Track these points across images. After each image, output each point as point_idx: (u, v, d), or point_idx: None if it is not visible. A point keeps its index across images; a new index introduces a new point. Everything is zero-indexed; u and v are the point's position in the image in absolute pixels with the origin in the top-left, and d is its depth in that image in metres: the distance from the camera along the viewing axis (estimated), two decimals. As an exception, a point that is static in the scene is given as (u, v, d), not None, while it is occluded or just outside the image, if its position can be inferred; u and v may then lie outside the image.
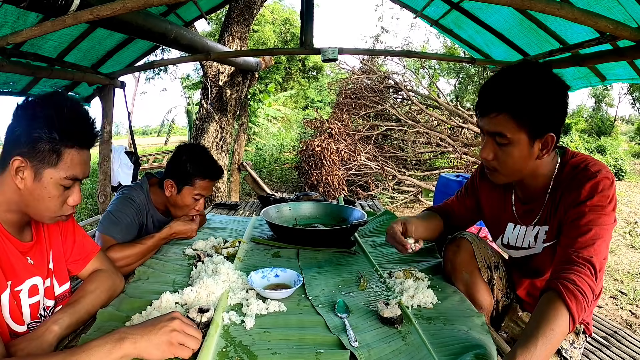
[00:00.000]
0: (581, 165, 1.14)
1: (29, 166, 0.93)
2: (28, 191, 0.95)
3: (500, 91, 1.10)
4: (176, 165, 1.68)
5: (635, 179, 9.31)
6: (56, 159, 0.94)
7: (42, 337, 0.96)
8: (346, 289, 1.37)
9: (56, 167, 0.94)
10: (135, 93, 18.77)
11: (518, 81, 1.09)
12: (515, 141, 1.11)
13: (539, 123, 1.08)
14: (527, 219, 1.29)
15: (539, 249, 1.26)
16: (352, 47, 3.31)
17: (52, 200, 0.97)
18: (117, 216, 1.61)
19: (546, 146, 1.12)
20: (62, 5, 1.55)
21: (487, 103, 1.13)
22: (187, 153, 1.69)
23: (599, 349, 1.50)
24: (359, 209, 2.10)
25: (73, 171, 0.96)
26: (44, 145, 0.92)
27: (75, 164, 0.97)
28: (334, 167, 6.86)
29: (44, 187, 0.95)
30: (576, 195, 1.10)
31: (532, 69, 1.12)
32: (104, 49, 2.72)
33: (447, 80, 15.70)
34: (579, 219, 1.07)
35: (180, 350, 0.88)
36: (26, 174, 0.93)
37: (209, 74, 5.50)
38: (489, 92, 1.13)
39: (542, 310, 0.94)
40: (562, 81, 1.11)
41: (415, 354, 0.99)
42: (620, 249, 4.62)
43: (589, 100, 16.70)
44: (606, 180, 1.09)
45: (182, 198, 1.69)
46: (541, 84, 1.08)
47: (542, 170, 1.20)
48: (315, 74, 17.64)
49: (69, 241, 1.19)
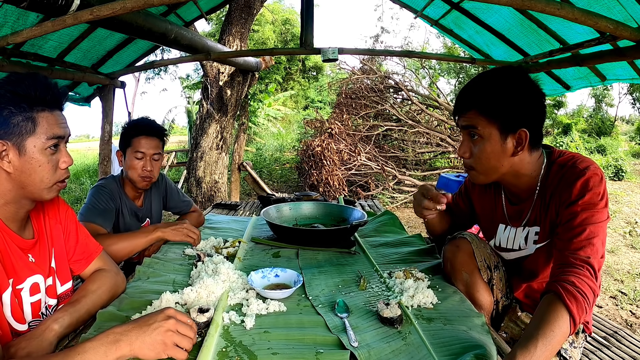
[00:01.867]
0: (569, 163, 1.15)
1: (10, 145, 0.93)
2: (18, 171, 0.95)
3: (470, 91, 1.19)
4: (121, 136, 1.81)
5: (635, 179, 9.31)
6: (32, 125, 0.94)
7: (42, 336, 0.96)
8: (346, 289, 1.37)
9: (35, 133, 0.94)
10: (136, 93, 18.78)
11: (486, 81, 1.17)
12: (486, 135, 1.15)
13: (508, 118, 1.12)
14: (517, 220, 1.29)
15: (530, 251, 1.27)
16: (352, 47, 3.31)
17: (43, 168, 0.97)
18: (93, 204, 1.70)
19: (520, 142, 1.14)
20: (62, 5, 1.55)
21: (459, 102, 1.21)
22: (128, 123, 1.83)
23: (599, 349, 1.50)
24: (359, 209, 2.10)
25: (52, 131, 0.97)
26: (17, 118, 0.93)
27: (52, 124, 0.97)
28: (334, 167, 6.86)
29: (32, 158, 0.95)
30: (567, 194, 1.10)
31: (502, 71, 1.19)
32: (104, 49, 2.72)
33: (447, 80, 15.69)
34: (572, 219, 1.07)
35: (175, 351, 0.87)
36: (10, 154, 0.93)
37: (209, 74, 5.50)
38: (463, 92, 1.21)
39: (543, 312, 0.94)
40: (535, 82, 1.16)
41: (415, 354, 0.99)
42: (620, 249, 4.62)
43: (589, 100, 16.70)
44: (595, 176, 1.09)
45: (128, 162, 1.80)
46: (509, 82, 1.14)
47: (525, 170, 1.20)
48: (316, 74, 17.63)
49: (71, 240, 1.19)
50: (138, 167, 1.79)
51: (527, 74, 1.18)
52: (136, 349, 0.83)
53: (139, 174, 1.80)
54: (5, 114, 0.92)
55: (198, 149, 5.70)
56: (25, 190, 0.98)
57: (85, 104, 3.22)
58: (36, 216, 1.11)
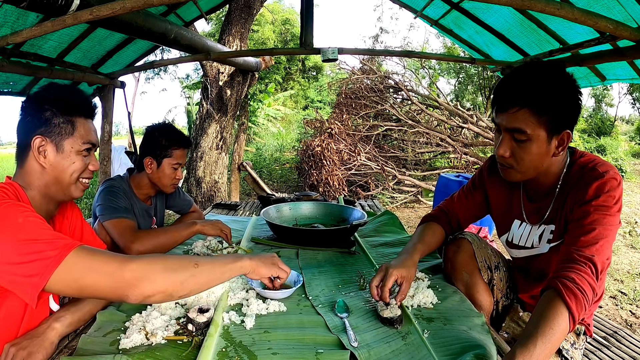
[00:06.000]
0: (589, 165, 1.14)
1: (49, 142, 1.02)
2: (52, 166, 1.03)
3: (521, 87, 1.09)
4: (151, 142, 1.81)
5: (635, 179, 9.31)
6: (71, 128, 1.05)
7: (44, 335, 0.97)
8: (346, 289, 1.37)
9: (73, 136, 1.05)
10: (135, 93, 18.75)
11: (538, 77, 1.08)
12: (534, 137, 1.10)
13: (558, 119, 1.08)
14: (535, 218, 1.28)
15: (543, 249, 1.26)
16: (352, 47, 3.31)
17: (75, 166, 1.06)
18: (112, 203, 1.68)
19: (562, 143, 1.12)
20: (62, 5, 1.55)
21: (508, 98, 1.11)
22: (158, 130, 1.83)
23: (599, 349, 1.50)
24: (359, 209, 2.10)
25: (88, 137, 1.08)
26: (58, 119, 1.03)
27: (88, 130, 1.09)
28: (334, 167, 6.85)
29: (67, 157, 1.05)
30: (582, 194, 1.10)
31: (549, 66, 1.12)
32: (104, 49, 2.72)
33: (447, 80, 15.71)
34: (583, 218, 1.07)
35: (280, 270, 1.16)
36: (48, 149, 1.02)
37: (209, 74, 5.50)
38: (509, 88, 1.11)
39: (542, 310, 0.93)
40: (575, 79, 1.11)
41: (415, 354, 0.99)
42: (620, 249, 4.62)
43: (589, 100, 16.65)
44: (613, 181, 1.08)
45: (164, 170, 1.81)
46: (559, 80, 1.08)
47: (553, 168, 1.19)
48: (315, 74, 17.62)
49: (75, 237, 1.21)
50: (172, 175, 1.83)
51: (565, 68, 1.12)
52: (254, 263, 1.08)
53: (171, 183, 1.84)
54: (48, 115, 1.02)
55: (198, 149, 5.70)
56: (57, 187, 1.05)
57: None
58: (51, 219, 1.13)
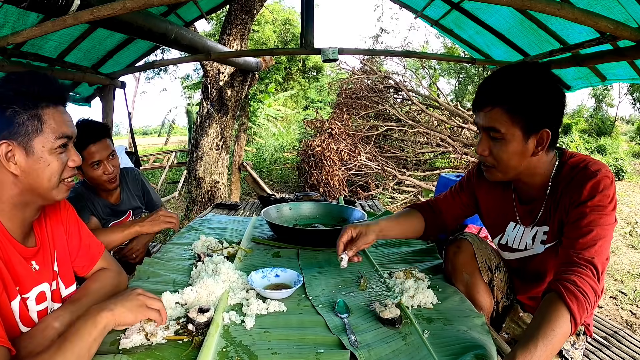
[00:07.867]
0: (580, 165, 1.14)
1: (16, 146, 0.89)
2: (25, 173, 0.91)
3: (495, 86, 1.13)
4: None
5: (635, 179, 9.31)
6: (39, 124, 0.91)
7: (43, 334, 0.97)
8: (346, 289, 1.37)
9: (43, 133, 0.91)
10: (136, 93, 18.79)
11: (513, 77, 1.12)
12: (509, 136, 1.12)
13: (533, 118, 1.09)
14: (527, 220, 1.28)
15: (537, 250, 1.26)
16: (352, 47, 3.31)
17: (51, 167, 0.94)
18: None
19: (541, 142, 1.12)
20: (63, 6, 1.55)
21: (482, 98, 1.15)
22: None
23: (599, 349, 1.50)
24: (359, 209, 2.10)
25: (60, 129, 0.94)
26: (21, 117, 0.89)
27: (59, 121, 0.94)
28: (334, 167, 6.86)
29: (40, 158, 0.91)
30: (577, 195, 1.10)
31: (528, 67, 1.14)
32: (104, 49, 2.72)
33: (448, 80, 15.72)
34: (580, 220, 1.07)
35: (150, 312, 0.98)
36: (17, 154, 0.90)
37: (209, 74, 5.50)
38: (484, 88, 1.15)
39: (543, 312, 0.93)
40: (559, 80, 1.13)
41: (415, 354, 0.99)
42: (621, 249, 4.62)
43: (589, 100, 16.71)
44: (606, 179, 1.09)
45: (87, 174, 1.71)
46: (535, 80, 1.10)
47: (540, 169, 1.19)
48: (316, 74, 17.62)
49: (74, 240, 1.17)
50: (100, 174, 1.71)
51: (550, 69, 1.13)
52: (118, 314, 0.92)
53: (104, 180, 1.73)
54: (9, 114, 0.88)
55: (198, 149, 5.70)
56: (34, 194, 0.95)
57: (86, 104, 3.22)
58: (37, 221, 1.07)
